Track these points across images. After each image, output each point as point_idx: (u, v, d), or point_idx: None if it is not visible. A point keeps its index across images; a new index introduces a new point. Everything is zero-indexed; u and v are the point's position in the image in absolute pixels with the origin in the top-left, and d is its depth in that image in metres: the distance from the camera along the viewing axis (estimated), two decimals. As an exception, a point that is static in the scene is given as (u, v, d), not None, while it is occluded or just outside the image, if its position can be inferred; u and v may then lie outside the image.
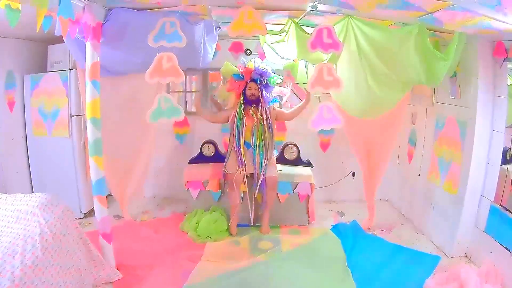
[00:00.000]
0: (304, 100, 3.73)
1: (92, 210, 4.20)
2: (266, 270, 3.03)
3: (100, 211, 2.94)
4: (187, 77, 4.59)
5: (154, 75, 2.60)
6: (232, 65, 3.82)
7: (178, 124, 4.57)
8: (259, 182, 3.66)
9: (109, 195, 4.23)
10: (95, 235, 3.15)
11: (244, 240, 3.57)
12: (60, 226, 2.59)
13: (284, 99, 4.18)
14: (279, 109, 3.93)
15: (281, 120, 3.96)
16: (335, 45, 2.67)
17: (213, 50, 3.84)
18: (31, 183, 4.15)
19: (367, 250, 3.41)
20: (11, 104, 3.91)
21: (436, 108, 3.67)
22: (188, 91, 4.73)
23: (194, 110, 4.72)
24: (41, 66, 4.08)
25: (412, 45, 2.83)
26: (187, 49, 3.12)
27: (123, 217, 4.02)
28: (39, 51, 4.11)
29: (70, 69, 3.85)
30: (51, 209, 2.63)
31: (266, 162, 3.69)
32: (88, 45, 2.72)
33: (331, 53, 2.88)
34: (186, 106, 4.67)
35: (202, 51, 3.41)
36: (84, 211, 4.11)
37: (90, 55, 2.72)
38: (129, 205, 4.07)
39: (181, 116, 2.72)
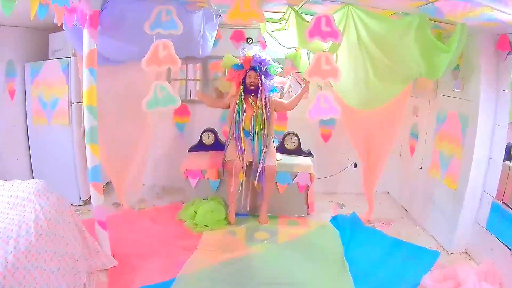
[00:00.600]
0: (302, 88, 3.71)
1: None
2: (261, 262, 3.03)
3: (96, 198, 2.94)
4: (189, 65, 4.56)
5: (150, 63, 2.57)
6: (233, 57, 3.79)
7: (178, 112, 4.55)
8: (258, 171, 3.64)
9: (109, 183, 4.31)
10: (93, 223, 3.12)
11: (241, 230, 3.57)
12: (55, 213, 2.59)
13: (286, 88, 4.13)
14: (278, 99, 3.90)
15: (281, 110, 3.96)
16: (333, 34, 2.60)
17: (213, 39, 3.81)
18: (31, 170, 4.18)
19: (366, 243, 3.39)
20: (11, 93, 3.92)
21: (438, 101, 3.60)
22: (190, 79, 4.69)
23: (194, 98, 4.71)
24: (42, 54, 4.07)
25: (412, 36, 2.75)
26: (185, 38, 3.09)
27: (122, 205, 4.02)
28: (40, 40, 4.09)
29: (70, 57, 3.84)
30: (47, 195, 2.63)
31: (265, 150, 3.67)
32: (85, 33, 2.70)
33: (331, 42, 2.82)
34: (186, 94, 4.63)
35: (202, 39, 3.37)
36: (83, 198, 4.12)
37: (87, 43, 2.70)
38: (128, 194, 4.07)
39: (177, 104, 2.69)
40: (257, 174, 3.65)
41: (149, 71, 2.60)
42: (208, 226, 3.57)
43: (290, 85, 4.92)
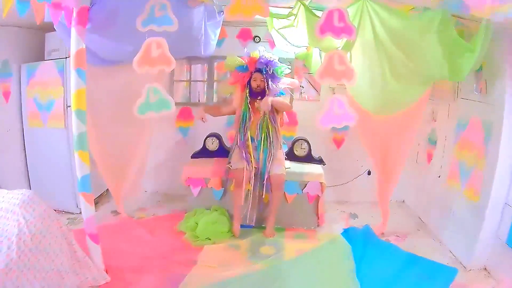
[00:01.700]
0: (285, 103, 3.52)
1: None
2: (264, 281, 2.76)
3: (86, 209, 2.73)
4: (193, 65, 4.33)
5: (142, 63, 2.33)
6: (236, 57, 3.53)
7: (181, 116, 4.32)
8: (264, 181, 3.39)
9: (108, 190, 4.10)
10: None
11: (245, 244, 3.30)
12: (41, 226, 2.41)
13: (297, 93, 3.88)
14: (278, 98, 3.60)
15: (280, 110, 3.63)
16: (347, 30, 2.30)
17: (217, 37, 3.54)
18: (28, 175, 4.00)
19: (379, 259, 3.08)
20: (6, 94, 3.76)
21: (459, 105, 3.28)
22: (194, 81, 4.46)
23: (198, 101, 4.48)
24: (39, 55, 3.89)
25: (434, 34, 2.47)
26: (185, 36, 2.85)
27: (120, 214, 3.81)
28: (36, 40, 3.91)
29: (66, 57, 3.63)
30: (33, 207, 2.45)
31: (271, 159, 3.40)
32: (73, 31, 2.48)
33: (344, 40, 2.54)
34: (190, 96, 4.39)
35: (203, 38, 3.10)
36: (80, 206, 3.90)
37: (75, 41, 2.49)
38: (127, 201, 3.85)
39: (171, 109, 2.45)
40: (263, 184, 3.39)
41: (141, 72, 2.34)
42: (210, 239, 3.31)
43: (302, 86, 4.67)
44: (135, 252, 3.14)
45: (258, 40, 4.14)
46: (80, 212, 3.81)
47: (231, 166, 3.47)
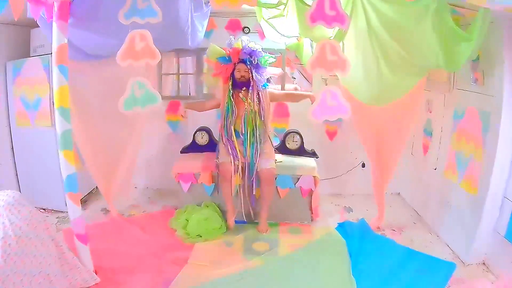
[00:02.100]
0: (309, 94, 3.45)
1: (82, 202, 3.96)
2: (258, 278, 2.70)
3: (73, 210, 2.64)
4: (181, 58, 4.21)
5: (126, 57, 2.23)
6: (219, 48, 3.41)
7: (171, 110, 4.22)
8: (253, 177, 3.32)
9: (97, 188, 4.01)
10: None
11: (238, 240, 3.23)
12: (27, 228, 2.33)
13: (294, 84, 3.78)
14: (272, 90, 3.57)
15: (273, 100, 3.58)
16: (340, 18, 2.19)
17: (204, 28, 3.42)
18: (16, 174, 3.89)
19: (375, 254, 3.04)
20: (-8, 93, 3.63)
21: (454, 95, 3.21)
22: (182, 74, 4.35)
23: (188, 94, 4.38)
24: (24, 51, 3.75)
25: (429, 22, 2.36)
26: (171, 27, 2.75)
27: (110, 212, 3.72)
28: (22, 36, 3.77)
29: (51, 53, 3.48)
30: (18, 209, 2.37)
31: (257, 154, 3.32)
32: (54, 26, 2.38)
33: (336, 29, 2.45)
34: (178, 90, 4.29)
35: (190, 29, 2.99)
36: (69, 205, 3.81)
37: (57, 37, 2.38)
38: (118, 199, 3.77)
39: (158, 103, 2.36)
40: (252, 179, 3.32)
41: (124, 66, 2.24)
42: (201, 236, 3.24)
43: (294, 78, 4.58)
44: (125, 251, 3.07)
45: (247, 31, 4.03)
46: None
47: (218, 160, 3.40)
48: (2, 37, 3.66)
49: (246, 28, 4.05)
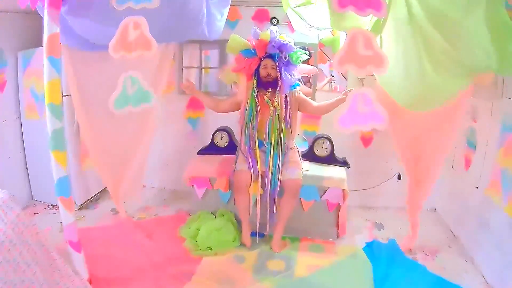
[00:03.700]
0: (338, 97, 2.87)
1: (89, 201, 3.77)
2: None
3: (65, 216, 2.40)
4: (201, 51, 3.89)
5: (118, 48, 1.92)
6: (242, 39, 2.99)
7: (191, 106, 3.92)
8: (272, 188, 2.94)
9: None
10: (85, 232, 2.77)
11: (251, 257, 2.87)
12: (12, 234, 2.11)
13: (324, 83, 3.31)
14: (304, 96, 3.08)
15: (305, 111, 3.12)
16: (375, 4, 1.76)
17: (224, 17, 3.00)
18: (26, 169, 3.75)
19: (403, 282, 2.61)
20: (2, 85, 3.46)
21: (504, 105, 2.69)
22: (204, 67, 4.03)
23: (209, 90, 4.06)
24: (37, 42, 3.53)
25: (481, 14, 1.90)
26: (181, 15, 2.42)
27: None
28: (34, 25, 3.58)
29: (60, 43, 3.28)
30: (5, 212, 2.15)
31: (279, 165, 2.92)
32: (46, 15, 2.14)
33: (374, 19, 2.02)
34: (200, 85, 3.96)
35: (205, 17, 2.64)
36: (78, 202, 3.64)
37: (48, 26, 2.14)
38: (128, 199, 3.53)
39: (151, 102, 2.04)
40: (273, 191, 2.94)
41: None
42: (211, 249, 2.92)
43: (332, 76, 4.14)
44: (126, 259, 2.81)
45: (276, 22, 3.65)
46: (78, 209, 3.62)
47: (236, 167, 3.03)
48: (13, 27, 3.51)
49: (275, 19, 3.66)
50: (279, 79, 2.87)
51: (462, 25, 2.03)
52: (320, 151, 3.35)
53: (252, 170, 2.91)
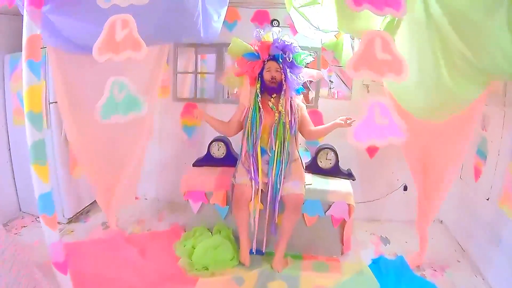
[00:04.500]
0: (335, 121, 2.70)
1: (79, 213, 3.55)
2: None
3: (49, 235, 2.17)
4: (197, 55, 3.68)
5: (104, 50, 1.71)
6: (243, 42, 2.83)
7: (187, 113, 3.71)
8: (276, 202, 2.73)
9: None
10: (73, 248, 2.69)
11: (251, 278, 2.65)
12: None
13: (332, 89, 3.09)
14: (306, 114, 2.92)
15: (299, 130, 2.92)
16: (394, 3, 1.56)
17: (221, 18, 2.83)
18: (14, 179, 3.53)
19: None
20: (-13, 89, 3.27)
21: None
22: (200, 73, 3.82)
23: (205, 96, 3.85)
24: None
25: (504, 17, 1.70)
26: (175, 12, 2.22)
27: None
28: (21, 27, 3.36)
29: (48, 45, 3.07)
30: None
31: (282, 175, 2.73)
32: (25, 14, 1.96)
33: (386, 20, 1.83)
34: (196, 91, 3.75)
35: (201, 17, 2.44)
36: (67, 216, 3.42)
37: (27, 26, 1.96)
38: (120, 211, 3.33)
39: (142, 111, 1.84)
40: (274, 204, 2.74)
41: (101, 61, 1.73)
42: (207, 269, 2.70)
43: (331, 81, 3.94)
44: (118, 278, 2.59)
45: (276, 24, 3.45)
46: (68, 222, 3.40)
47: (235, 180, 2.83)
48: (1, 28, 3.32)
49: (275, 21, 3.47)
50: (283, 82, 2.71)
51: (483, 27, 1.84)
52: (324, 163, 3.14)
53: (253, 182, 2.72)
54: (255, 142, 2.75)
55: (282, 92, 2.75)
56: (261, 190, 2.76)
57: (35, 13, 1.92)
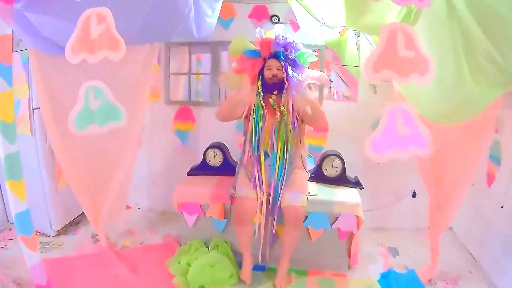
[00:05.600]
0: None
1: (68, 225, 3.34)
2: None
3: (29, 256, 1.96)
4: (191, 54, 3.45)
5: (77, 50, 1.49)
6: (246, 40, 2.65)
7: (180, 116, 3.48)
8: (275, 213, 2.53)
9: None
10: (60, 264, 2.59)
11: (252, 297, 2.45)
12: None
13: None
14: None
15: (308, 122, 2.71)
16: None
17: (216, 14, 2.63)
18: (0, 189, 3.30)
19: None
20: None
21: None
22: (194, 74, 3.60)
23: (200, 99, 3.63)
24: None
25: None
26: (164, 9, 2.00)
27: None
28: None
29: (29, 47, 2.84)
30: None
31: (285, 179, 2.54)
32: None
33: (400, 14, 1.62)
34: (190, 93, 3.52)
35: (193, 12, 2.21)
36: (56, 228, 3.20)
37: None
38: (111, 223, 3.10)
39: (121, 122, 1.61)
40: (273, 212, 2.54)
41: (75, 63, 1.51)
42: (204, 289, 2.48)
43: (331, 81, 3.73)
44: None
45: (276, 20, 3.22)
46: (56, 235, 3.19)
47: (235, 192, 2.61)
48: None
49: (275, 17, 3.24)
50: (285, 80, 2.53)
51: (507, 23, 1.65)
52: (329, 171, 2.92)
53: (258, 190, 2.52)
54: (259, 143, 2.59)
55: (284, 91, 2.58)
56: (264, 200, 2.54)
57: (5, 9, 1.70)
